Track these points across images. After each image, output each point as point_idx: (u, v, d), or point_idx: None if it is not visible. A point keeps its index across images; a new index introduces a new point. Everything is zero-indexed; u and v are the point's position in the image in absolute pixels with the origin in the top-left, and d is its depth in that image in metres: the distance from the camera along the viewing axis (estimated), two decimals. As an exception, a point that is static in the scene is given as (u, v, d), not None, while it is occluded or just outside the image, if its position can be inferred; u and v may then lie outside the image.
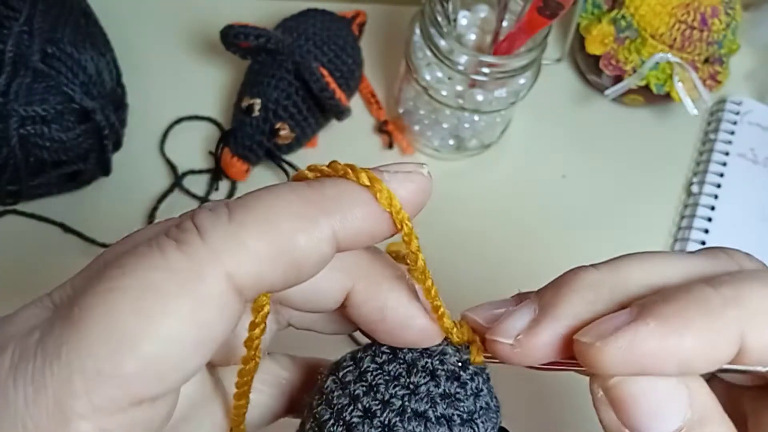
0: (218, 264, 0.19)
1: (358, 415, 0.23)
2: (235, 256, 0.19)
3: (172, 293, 0.18)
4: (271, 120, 0.54)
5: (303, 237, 0.19)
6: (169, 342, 0.18)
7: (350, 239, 0.21)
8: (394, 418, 0.22)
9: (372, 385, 0.23)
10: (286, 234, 0.19)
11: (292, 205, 0.20)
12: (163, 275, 0.18)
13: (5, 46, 0.46)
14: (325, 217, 0.20)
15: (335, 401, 0.23)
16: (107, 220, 0.53)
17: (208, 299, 0.19)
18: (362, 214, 0.21)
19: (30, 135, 0.46)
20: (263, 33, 0.52)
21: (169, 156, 0.56)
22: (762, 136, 0.63)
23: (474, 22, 0.55)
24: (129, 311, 0.18)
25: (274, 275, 0.20)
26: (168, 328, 0.18)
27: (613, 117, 0.64)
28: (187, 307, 0.18)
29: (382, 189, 0.21)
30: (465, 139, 0.58)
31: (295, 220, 0.20)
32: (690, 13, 0.58)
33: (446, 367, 0.24)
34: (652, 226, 0.60)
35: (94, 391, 0.18)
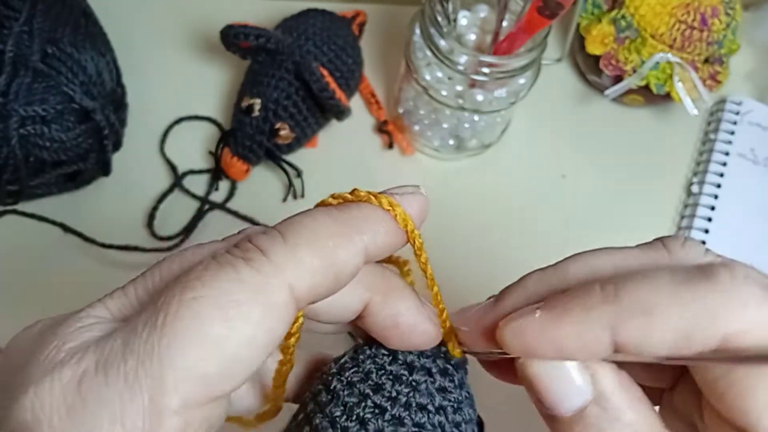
0: (282, 277, 0.22)
1: (371, 411, 0.25)
2: (295, 270, 0.22)
3: (247, 302, 0.21)
4: (271, 120, 0.54)
5: (343, 252, 0.23)
6: (246, 345, 0.21)
7: (377, 253, 0.25)
8: (403, 412, 0.25)
9: (378, 384, 0.26)
10: (331, 250, 0.23)
11: (330, 227, 0.24)
12: (239, 287, 0.21)
13: (5, 46, 0.46)
14: (359, 235, 0.24)
15: (346, 399, 0.26)
16: (107, 220, 0.53)
17: (275, 307, 0.22)
18: (385, 232, 0.25)
19: (30, 135, 0.46)
20: (263, 33, 0.52)
21: (169, 156, 0.56)
22: (762, 136, 0.63)
23: (474, 22, 0.55)
24: (214, 317, 0.21)
25: (323, 286, 0.23)
26: (246, 333, 0.21)
27: (613, 117, 0.64)
28: (259, 314, 0.21)
29: (399, 212, 0.25)
30: (465, 139, 0.58)
31: (336, 238, 0.23)
32: (690, 13, 0.58)
33: (439, 365, 0.27)
34: (652, 226, 0.60)
35: (183, 388, 0.20)
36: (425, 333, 0.27)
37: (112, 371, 0.20)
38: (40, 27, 0.48)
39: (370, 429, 0.25)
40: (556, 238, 0.57)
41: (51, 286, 0.51)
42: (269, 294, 0.22)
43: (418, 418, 0.25)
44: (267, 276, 0.22)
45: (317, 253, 0.23)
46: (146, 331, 0.20)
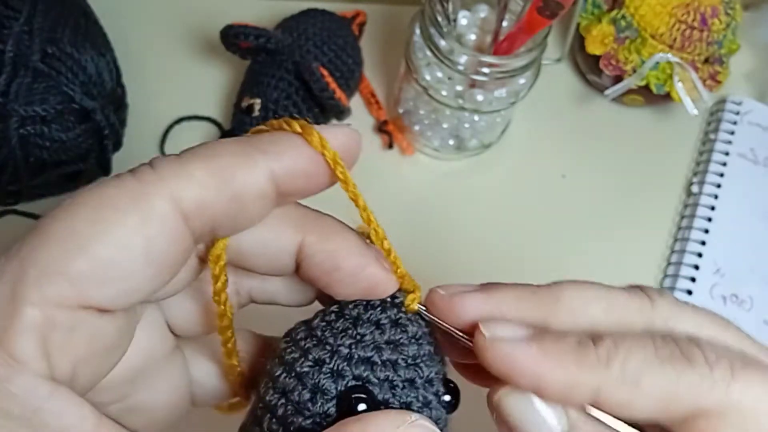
0: (164, 187, 0.21)
1: (309, 365, 0.24)
2: (180, 181, 0.21)
3: (123, 207, 0.21)
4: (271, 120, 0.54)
5: (241, 170, 0.22)
6: (118, 248, 0.20)
7: (288, 179, 0.23)
8: (342, 363, 0.24)
9: (321, 339, 0.25)
10: (226, 167, 0.22)
11: (232, 147, 0.22)
12: (117, 191, 0.21)
13: (5, 46, 0.46)
14: (262, 155, 0.22)
15: (287, 357, 0.25)
16: (107, 220, 0.53)
17: (155, 216, 0.21)
18: (296, 154, 0.23)
19: (30, 135, 0.46)
20: (263, 33, 0.52)
21: (169, 156, 0.56)
22: (762, 136, 0.63)
23: (474, 22, 0.55)
24: (84, 218, 0.20)
25: (216, 205, 0.22)
26: (117, 235, 0.20)
27: (613, 117, 0.64)
28: (135, 220, 0.21)
29: (312, 133, 0.23)
30: (465, 139, 0.58)
31: (235, 156, 0.22)
32: (690, 13, 0.58)
33: (389, 316, 0.25)
34: (652, 226, 0.60)
35: (46, 284, 0.20)
36: (373, 276, 0.25)
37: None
38: (40, 27, 0.48)
39: (307, 383, 0.23)
40: (555, 238, 0.57)
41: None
42: (149, 201, 0.21)
43: (360, 371, 0.24)
44: (148, 184, 0.21)
45: (209, 167, 0.21)
46: (28, 234, 0.21)
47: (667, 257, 0.58)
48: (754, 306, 0.55)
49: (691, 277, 0.56)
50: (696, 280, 0.55)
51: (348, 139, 0.24)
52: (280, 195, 0.23)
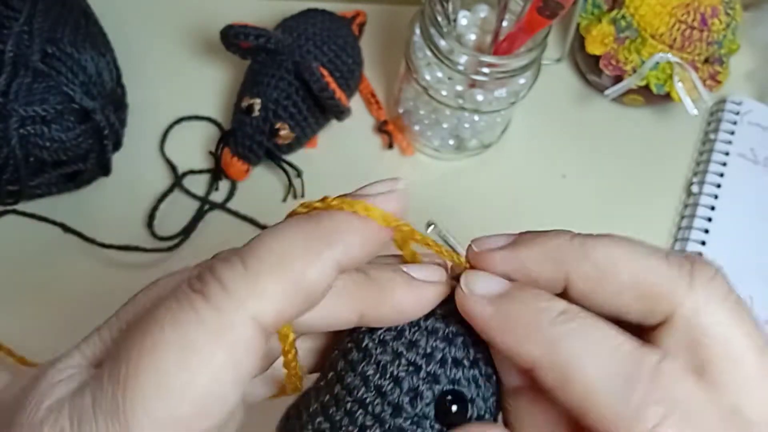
0: (243, 311, 0.21)
1: (404, 368, 0.25)
2: (257, 301, 0.22)
3: (209, 344, 0.21)
4: (271, 120, 0.54)
5: (312, 271, 0.22)
6: (213, 385, 0.21)
7: (353, 263, 0.24)
8: (438, 368, 0.25)
9: (412, 341, 0.25)
10: (298, 272, 0.22)
11: (297, 245, 0.23)
12: (198, 329, 0.21)
13: (5, 46, 0.46)
14: (329, 249, 0.23)
15: (379, 357, 0.25)
16: (107, 220, 0.53)
17: (240, 344, 0.21)
18: (361, 241, 0.24)
19: (30, 135, 0.46)
20: (263, 33, 0.52)
21: (169, 156, 0.56)
22: (762, 136, 0.63)
23: (474, 22, 0.55)
24: (174, 366, 0.21)
25: (291, 310, 0.22)
26: (210, 374, 0.21)
27: (613, 117, 0.64)
28: (223, 354, 0.21)
29: (378, 214, 0.24)
30: (465, 139, 0.58)
31: (303, 257, 0.22)
32: (690, 13, 0.58)
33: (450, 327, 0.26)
34: (652, 226, 0.60)
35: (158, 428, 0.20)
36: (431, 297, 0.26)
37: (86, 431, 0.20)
38: (40, 27, 0.48)
39: (404, 387, 0.24)
40: (556, 238, 0.57)
41: (51, 286, 0.51)
42: (231, 332, 0.21)
43: (453, 374, 0.25)
44: (227, 313, 0.21)
45: (282, 278, 0.22)
46: (111, 385, 0.21)
47: (667, 257, 0.58)
48: (754, 306, 0.55)
49: (691, 277, 0.56)
50: (696, 280, 0.55)
51: (400, 204, 0.25)
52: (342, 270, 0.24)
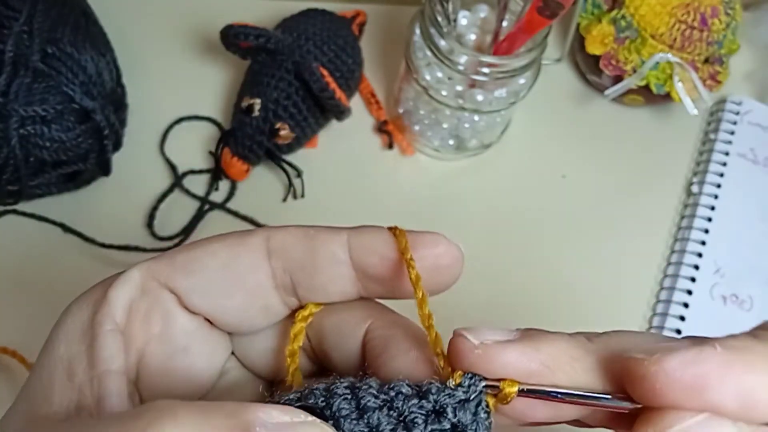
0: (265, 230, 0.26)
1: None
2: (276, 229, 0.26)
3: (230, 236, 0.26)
4: (271, 120, 0.54)
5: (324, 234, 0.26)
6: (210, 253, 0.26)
7: (361, 251, 0.25)
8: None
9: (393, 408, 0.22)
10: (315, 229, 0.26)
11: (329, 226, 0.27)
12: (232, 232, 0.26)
13: (5, 46, 0.46)
14: (346, 230, 0.26)
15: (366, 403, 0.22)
16: (107, 220, 0.53)
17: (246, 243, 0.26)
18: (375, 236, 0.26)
19: (30, 135, 0.46)
20: (263, 33, 0.52)
21: (169, 156, 0.56)
22: (762, 136, 0.63)
23: (474, 22, 0.55)
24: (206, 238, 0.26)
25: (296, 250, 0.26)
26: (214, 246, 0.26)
27: (613, 117, 0.64)
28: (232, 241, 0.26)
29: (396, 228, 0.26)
30: (465, 139, 0.58)
31: (327, 227, 0.26)
32: (690, 13, 0.58)
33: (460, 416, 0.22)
34: (652, 226, 0.60)
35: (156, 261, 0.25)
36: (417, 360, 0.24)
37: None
38: (40, 27, 0.48)
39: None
40: (556, 238, 0.57)
41: (51, 285, 0.51)
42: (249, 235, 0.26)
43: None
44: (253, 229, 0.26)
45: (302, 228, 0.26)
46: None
47: (667, 257, 0.58)
48: (754, 306, 0.55)
49: (691, 277, 0.56)
50: (696, 280, 0.55)
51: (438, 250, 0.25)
52: (357, 270, 0.25)
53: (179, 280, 0.25)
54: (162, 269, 0.25)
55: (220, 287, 0.25)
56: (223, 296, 0.26)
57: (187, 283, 0.25)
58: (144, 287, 0.25)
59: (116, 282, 0.25)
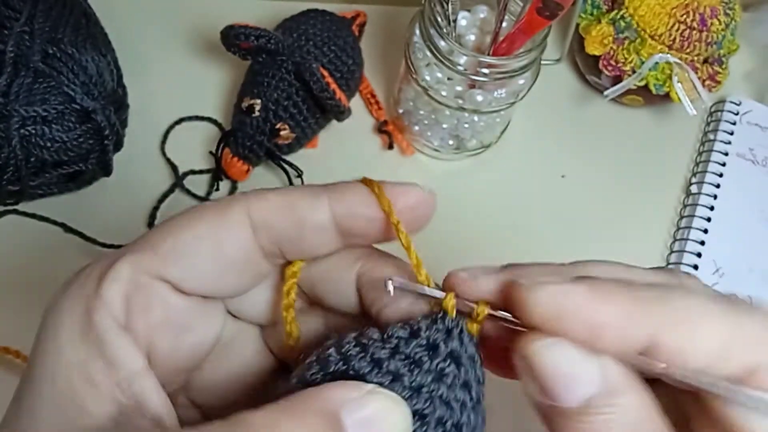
0: (243, 202, 0.26)
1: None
2: (256, 200, 0.26)
3: (208, 212, 0.26)
4: (271, 120, 0.54)
5: (306, 201, 0.26)
6: (195, 237, 0.25)
7: (346, 217, 0.26)
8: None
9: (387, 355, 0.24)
10: (295, 198, 0.26)
11: (306, 187, 0.27)
12: (210, 204, 0.26)
13: (6, 47, 0.46)
14: (326, 194, 0.26)
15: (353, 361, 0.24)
16: (108, 220, 0.53)
17: (229, 221, 0.26)
18: (356, 198, 0.26)
19: (31, 135, 0.46)
20: (263, 33, 0.52)
21: (170, 156, 0.56)
22: (761, 136, 0.63)
23: (473, 22, 0.55)
24: (182, 217, 0.26)
25: (280, 224, 0.26)
26: (197, 228, 0.25)
27: (612, 117, 0.64)
28: (214, 219, 0.26)
29: (375, 186, 0.26)
30: (465, 139, 0.58)
31: (305, 192, 0.26)
32: (689, 14, 0.58)
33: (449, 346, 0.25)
34: (651, 226, 0.60)
35: (140, 253, 0.25)
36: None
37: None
38: (40, 27, 0.48)
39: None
40: (555, 238, 0.58)
41: (52, 286, 0.50)
42: (228, 209, 0.26)
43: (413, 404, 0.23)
44: (232, 200, 0.26)
45: (281, 195, 0.26)
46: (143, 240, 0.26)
47: (666, 257, 0.58)
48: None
49: (691, 276, 0.56)
50: (695, 280, 0.56)
51: (415, 199, 0.26)
52: (343, 233, 0.26)
53: (170, 270, 0.25)
54: (150, 262, 0.25)
55: (211, 270, 0.26)
56: (215, 277, 0.26)
57: (178, 272, 0.25)
58: (136, 281, 0.25)
59: (106, 280, 0.24)
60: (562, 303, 0.22)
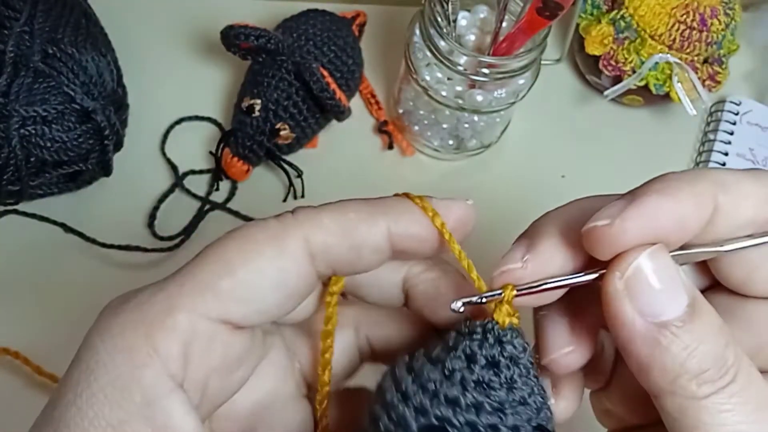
0: (299, 228, 0.25)
1: (397, 397, 0.25)
2: (312, 226, 0.25)
3: (265, 242, 0.24)
4: (271, 120, 0.54)
5: (363, 225, 0.25)
6: (256, 273, 0.24)
7: (402, 239, 0.26)
8: (426, 400, 0.24)
9: (414, 371, 0.25)
10: (351, 220, 0.25)
11: (360, 206, 0.26)
12: (261, 231, 0.25)
13: (6, 47, 0.46)
14: (382, 216, 0.26)
15: (382, 383, 0.26)
16: (108, 221, 0.53)
17: (288, 252, 0.25)
18: (411, 219, 0.26)
19: (31, 135, 0.46)
20: (263, 33, 0.52)
21: (170, 156, 0.56)
22: (761, 136, 0.63)
23: (473, 22, 0.55)
24: (233, 249, 0.24)
25: (338, 249, 0.25)
26: (257, 264, 0.24)
27: (612, 117, 0.64)
28: (272, 253, 0.24)
29: (427, 205, 0.26)
30: (465, 139, 0.58)
31: (360, 213, 0.26)
32: (689, 14, 0.58)
33: (485, 353, 0.25)
34: (651, 226, 0.60)
35: (197, 297, 0.23)
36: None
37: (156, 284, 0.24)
38: (40, 27, 0.48)
39: (392, 415, 0.24)
40: (555, 238, 0.58)
41: (52, 286, 0.51)
42: (285, 239, 0.24)
43: (442, 411, 0.23)
44: (286, 226, 0.25)
45: (337, 218, 0.25)
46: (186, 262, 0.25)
47: (667, 257, 0.58)
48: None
49: (691, 276, 0.56)
50: (695, 280, 0.56)
51: (462, 213, 0.27)
52: (396, 252, 0.26)
53: (233, 311, 0.24)
54: (210, 306, 0.23)
55: (274, 303, 0.25)
56: (277, 308, 0.25)
57: (241, 312, 0.24)
58: (195, 330, 0.23)
59: (163, 330, 0.23)
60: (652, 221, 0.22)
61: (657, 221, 0.23)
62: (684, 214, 0.23)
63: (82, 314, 0.30)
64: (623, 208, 0.23)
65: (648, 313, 0.22)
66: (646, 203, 0.23)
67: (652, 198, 0.23)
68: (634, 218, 0.22)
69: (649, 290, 0.23)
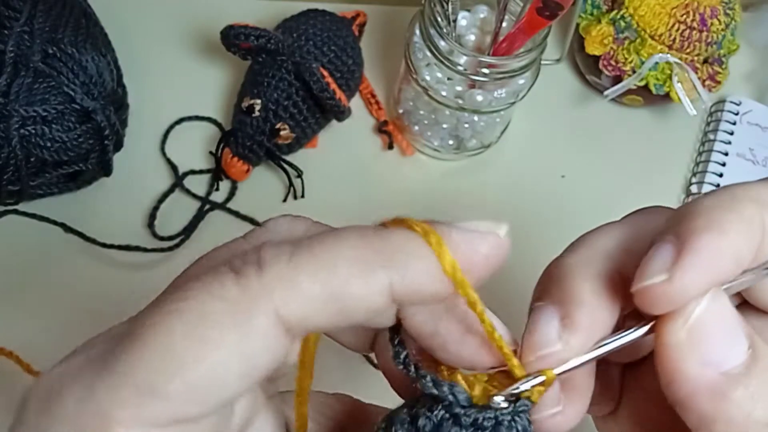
0: (268, 300, 0.19)
1: None
2: (286, 294, 0.19)
3: (224, 324, 0.19)
4: (271, 120, 0.54)
5: (358, 284, 0.19)
6: (214, 370, 0.19)
7: (407, 296, 0.20)
8: None
9: None
10: (341, 279, 0.19)
11: (354, 251, 0.20)
12: (219, 305, 0.19)
13: (6, 47, 0.46)
14: (383, 268, 0.20)
15: None
16: (108, 220, 0.53)
17: (255, 333, 0.19)
18: (420, 271, 0.20)
19: (31, 135, 0.46)
20: (263, 33, 0.52)
21: (170, 156, 0.56)
22: (761, 136, 0.63)
23: (473, 22, 0.55)
24: (184, 335, 0.19)
25: (321, 318, 0.20)
26: (215, 357, 0.19)
27: (612, 117, 0.64)
28: (234, 338, 0.19)
29: (445, 255, 0.20)
30: (465, 139, 0.58)
31: (354, 265, 0.20)
32: (689, 14, 0.58)
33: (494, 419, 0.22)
34: (651, 226, 0.60)
35: (141, 405, 0.18)
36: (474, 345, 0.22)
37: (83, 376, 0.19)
38: (40, 27, 0.49)
39: None
40: (555, 238, 0.57)
41: (52, 285, 0.51)
42: (250, 317, 0.19)
43: None
44: (251, 297, 0.19)
45: (321, 278, 0.19)
46: (125, 340, 0.19)
47: (667, 257, 0.58)
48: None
49: (691, 277, 0.56)
50: (695, 280, 0.56)
51: (490, 252, 0.21)
52: (400, 305, 0.21)
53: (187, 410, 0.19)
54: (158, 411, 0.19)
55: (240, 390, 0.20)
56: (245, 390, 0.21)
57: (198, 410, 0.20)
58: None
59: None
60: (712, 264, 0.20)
61: (718, 266, 0.20)
62: (739, 249, 0.20)
63: (82, 314, 0.30)
64: (676, 257, 0.20)
65: (712, 362, 0.20)
66: (701, 248, 0.20)
67: (705, 239, 0.20)
68: (694, 268, 0.20)
69: (713, 338, 0.20)
